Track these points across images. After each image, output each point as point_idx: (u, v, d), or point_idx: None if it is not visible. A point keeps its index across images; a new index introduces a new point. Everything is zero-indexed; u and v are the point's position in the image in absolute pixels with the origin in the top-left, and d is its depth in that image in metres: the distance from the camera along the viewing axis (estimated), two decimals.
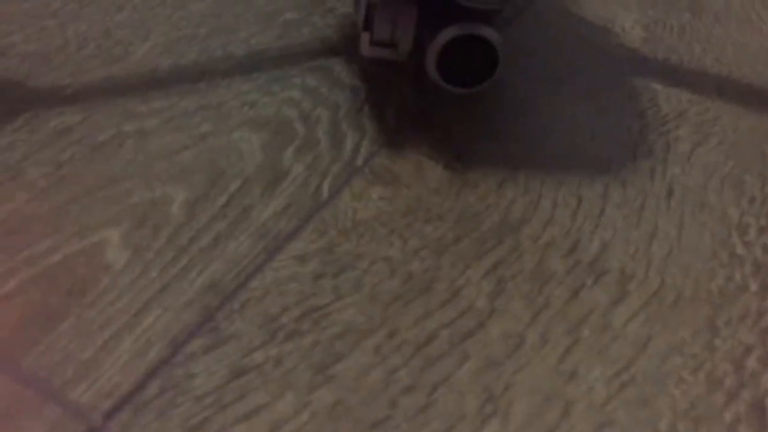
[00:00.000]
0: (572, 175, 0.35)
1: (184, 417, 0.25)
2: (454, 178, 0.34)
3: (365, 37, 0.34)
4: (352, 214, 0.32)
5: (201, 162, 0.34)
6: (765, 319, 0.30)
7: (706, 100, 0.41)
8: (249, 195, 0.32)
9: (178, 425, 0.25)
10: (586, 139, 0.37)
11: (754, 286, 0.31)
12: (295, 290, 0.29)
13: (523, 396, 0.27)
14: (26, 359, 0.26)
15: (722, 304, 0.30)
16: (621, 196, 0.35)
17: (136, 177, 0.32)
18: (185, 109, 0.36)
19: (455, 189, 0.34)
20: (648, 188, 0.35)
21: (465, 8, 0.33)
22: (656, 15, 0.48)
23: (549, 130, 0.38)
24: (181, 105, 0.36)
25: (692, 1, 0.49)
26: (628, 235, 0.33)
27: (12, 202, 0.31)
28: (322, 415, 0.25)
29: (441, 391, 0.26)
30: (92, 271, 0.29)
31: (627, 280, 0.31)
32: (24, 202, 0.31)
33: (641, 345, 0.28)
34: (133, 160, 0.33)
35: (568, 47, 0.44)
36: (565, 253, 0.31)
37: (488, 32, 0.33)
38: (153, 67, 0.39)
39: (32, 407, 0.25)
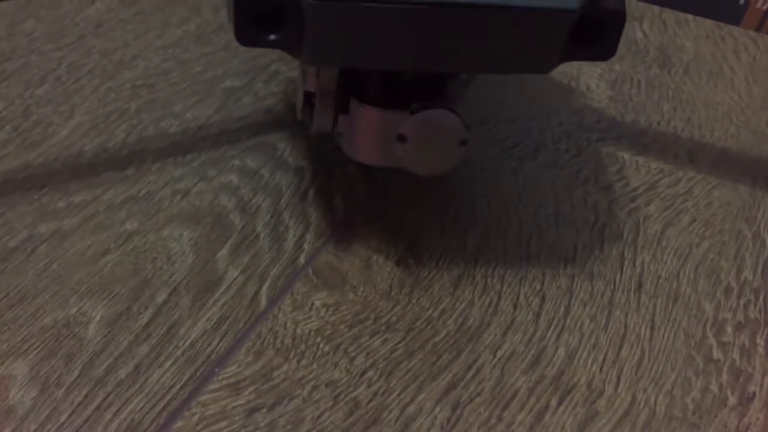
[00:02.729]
0: (535, 267, 0.32)
1: None
2: (405, 277, 0.31)
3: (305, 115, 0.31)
4: (292, 327, 0.29)
5: (124, 269, 0.30)
6: None
7: (677, 169, 0.38)
8: (177, 308, 0.29)
9: None
10: (550, 221, 0.35)
11: (732, 399, 0.28)
12: (226, 431, 0.26)
13: None
14: None
15: (699, 424, 0.27)
16: (588, 290, 0.32)
17: (48, 292, 0.29)
18: (110, 202, 0.33)
19: (407, 290, 0.31)
20: (617, 279, 0.32)
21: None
22: (623, 68, 0.45)
23: (510, 212, 0.35)
24: (105, 198, 0.33)
25: (660, 52, 0.46)
26: (595, 340, 0.30)
27: None
28: None
29: None
30: None
31: (596, 398, 0.28)
32: None
33: None
34: (47, 269, 0.30)
35: (528, 115, 0.41)
36: (528, 366, 0.29)
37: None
38: (76, 152, 0.35)
39: None
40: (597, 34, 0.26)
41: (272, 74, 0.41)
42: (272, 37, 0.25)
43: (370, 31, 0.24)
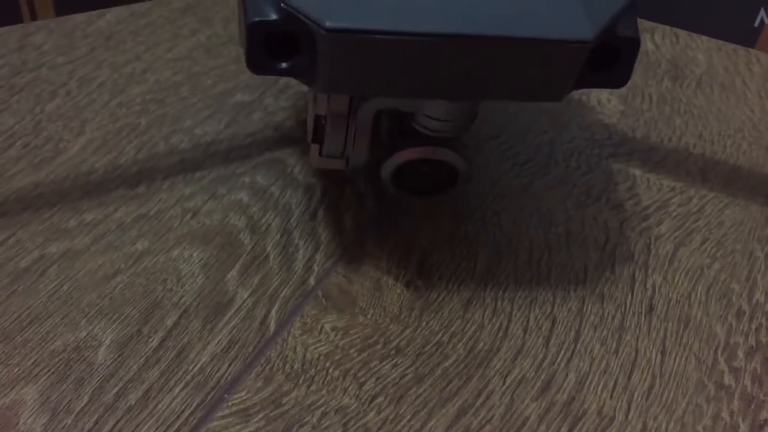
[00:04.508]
0: (545, 289, 0.32)
1: None
2: (415, 299, 0.31)
3: (314, 148, 0.30)
4: (302, 351, 0.29)
5: (134, 291, 0.30)
6: None
7: (688, 187, 0.38)
8: (187, 331, 0.29)
9: None
10: (561, 240, 0.34)
11: (743, 427, 0.28)
12: None
13: None
14: None
15: None
16: (598, 313, 0.32)
17: (59, 314, 0.29)
18: (120, 221, 0.33)
19: (416, 313, 0.31)
20: (628, 302, 0.32)
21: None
22: (634, 81, 0.45)
23: (521, 231, 0.35)
24: (116, 217, 0.33)
25: (672, 65, 0.46)
26: (606, 365, 0.30)
27: None
28: None
29: None
30: None
31: (606, 425, 0.28)
32: None
33: None
34: (57, 291, 0.30)
35: (539, 129, 0.41)
36: (538, 393, 0.29)
37: (447, 154, 0.30)
38: (86, 169, 0.35)
39: None
40: (611, 62, 0.26)
41: (282, 89, 0.41)
42: (284, 65, 0.25)
43: (383, 61, 0.24)
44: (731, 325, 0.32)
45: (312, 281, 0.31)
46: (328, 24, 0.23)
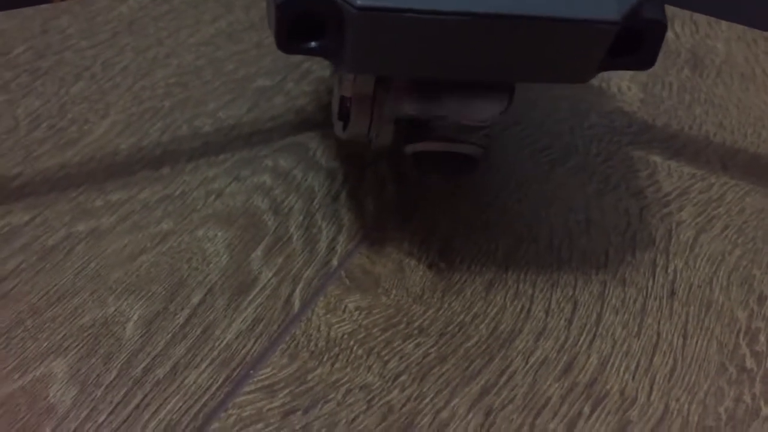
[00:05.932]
0: (567, 272, 0.32)
1: None
2: (438, 281, 0.31)
3: (339, 124, 0.31)
4: (326, 330, 0.29)
5: (160, 269, 0.31)
6: None
7: (709, 174, 0.38)
8: (212, 309, 0.29)
9: None
10: (582, 226, 0.35)
11: (765, 410, 0.28)
12: None
13: None
14: None
15: None
16: (620, 297, 0.32)
17: (87, 290, 0.29)
18: (145, 201, 0.33)
19: (439, 295, 0.31)
20: (649, 286, 0.32)
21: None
22: (654, 70, 0.45)
23: (542, 216, 0.35)
24: (141, 197, 0.33)
25: (692, 55, 0.46)
26: (628, 348, 0.30)
27: None
28: None
29: None
30: (34, 415, 0.26)
31: (628, 406, 0.28)
32: None
33: None
34: (85, 268, 0.30)
35: (559, 117, 0.41)
36: (560, 373, 0.29)
37: (468, 148, 0.30)
38: (111, 150, 0.35)
39: None
40: (637, 44, 0.26)
41: (303, 73, 0.41)
42: (313, 44, 0.25)
43: (412, 41, 0.24)
44: (753, 310, 0.32)
45: (335, 262, 0.32)
46: (358, 2, 0.24)
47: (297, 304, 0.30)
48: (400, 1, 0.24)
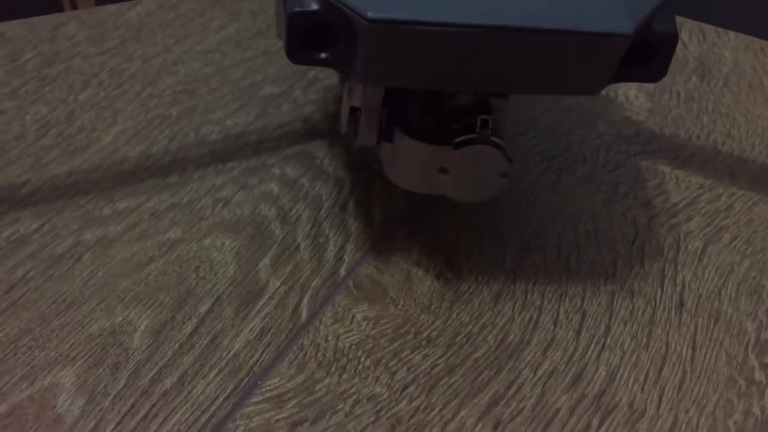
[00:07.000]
0: (575, 283, 0.32)
1: None
2: (445, 291, 0.31)
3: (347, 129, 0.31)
4: (333, 340, 0.29)
5: (168, 278, 0.30)
6: None
7: (717, 184, 0.38)
8: (220, 318, 0.29)
9: None
10: (590, 236, 0.34)
11: None
12: None
13: None
14: None
15: None
16: (628, 308, 0.32)
17: (95, 299, 0.29)
18: (153, 210, 0.33)
19: (447, 305, 0.31)
20: (658, 297, 0.32)
21: None
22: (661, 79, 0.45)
23: (550, 226, 0.35)
24: (149, 205, 0.33)
25: (699, 63, 0.46)
26: (636, 359, 0.30)
27: None
28: None
29: None
30: (42, 425, 0.26)
31: (637, 418, 0.28)
32: None
33: None
34: (93, 277, 0.30)
35: (567, 126, 0.41)
36: (569, 385, 0.29)
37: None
38: (119, 158, 0.35)
39: None
40: (649, 56, 0.26)
41: (310, 81, 0.41)
42: (323, 55, 0.25)
43: (423, 53, 0.24)
44: (761, 321, 0.32)
45: (343, 271, 0.32)
46: (370, 14, 0.24)
47: (305, 313, 0.30)
48: (411, 13, 0.24)
